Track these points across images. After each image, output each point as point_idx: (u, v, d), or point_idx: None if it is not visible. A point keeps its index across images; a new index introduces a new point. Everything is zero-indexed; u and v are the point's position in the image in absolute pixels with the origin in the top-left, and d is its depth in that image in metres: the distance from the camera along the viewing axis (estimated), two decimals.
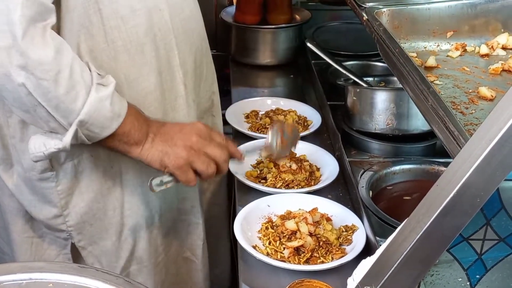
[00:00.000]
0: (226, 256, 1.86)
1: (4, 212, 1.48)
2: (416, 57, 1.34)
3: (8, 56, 1.10)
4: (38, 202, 1.39)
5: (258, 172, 1.59)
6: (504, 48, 1.34)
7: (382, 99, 1.67)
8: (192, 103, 1.52)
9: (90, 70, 1.21)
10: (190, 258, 1.65)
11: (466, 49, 1.35)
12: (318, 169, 1.62)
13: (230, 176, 1.63)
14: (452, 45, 1.36)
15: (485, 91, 1.11)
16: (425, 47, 1.38)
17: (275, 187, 1.53)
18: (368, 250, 1.30)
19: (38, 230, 1.47)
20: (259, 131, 1.80)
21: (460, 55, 1.33)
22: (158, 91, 1.40)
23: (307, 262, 1.29)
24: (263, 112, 1.91)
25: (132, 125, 1.26)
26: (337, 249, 1.32)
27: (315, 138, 1.79)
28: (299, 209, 1.41)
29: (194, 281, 1.68)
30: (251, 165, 1.64)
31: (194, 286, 1.69)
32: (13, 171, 1.39)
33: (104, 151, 1.36)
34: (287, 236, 1.32)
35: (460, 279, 0.93)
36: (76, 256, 1.47)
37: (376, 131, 1.70)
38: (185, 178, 1.32)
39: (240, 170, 1.59)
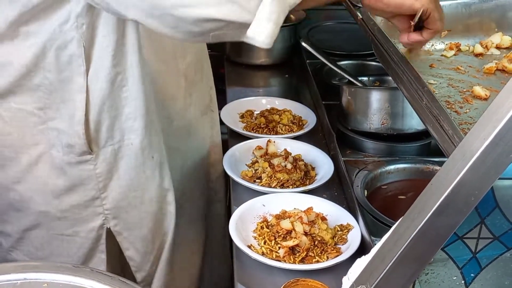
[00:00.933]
0: (227, 254, 1.87)
1: (31, 211, 1.44)
2: None
3: None
4: (75, 186, 1.37)
5: (253, 171, 1.59)
6: (498, 47, 1.34)
7: (377, 98, 1.67)
8: (189, 96, 1.53)
9: None
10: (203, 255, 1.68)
11: (460, 49, 1.35)
12: (313, 169, 1.62)
13: (225, 176, 1.63)
14: (446, 44, 1.36)
15: (479, 90, 1.11)
16: None
17: (270, 187, 1.53)
18: (363, 249, 1.30)
19: (69, 228, 1.44)
20: (254, 130, 1.81)
21: (455, 55, 1.33)
22: (161, 79, 1.41)
23: (302, 261, 1.29)
24: (258, 112, 1.91)
25: None
26: (332, 249, 1.32)
27: (310, 137, 1.79)
28: (294, 208, 1.41)
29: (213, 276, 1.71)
30: (246, 164, 1.65)
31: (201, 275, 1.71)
32: (48, 156, 1.35)
33: (146, 140, 1.37)
34: (282, 235, 1.32)
35: (455, 278, 0.93)
36: (109, 246, 1.46)
37: (371, 131, 1.70)
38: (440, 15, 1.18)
39: (235, 170, 1.60)
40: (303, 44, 1.98)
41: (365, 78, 1.92)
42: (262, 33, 1.07)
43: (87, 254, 1.44)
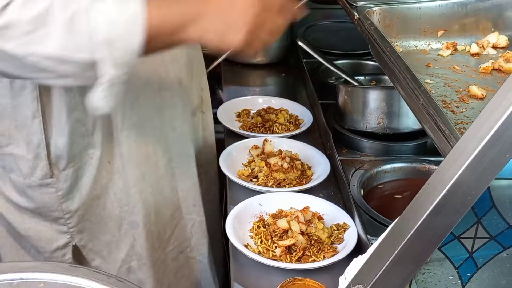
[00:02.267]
0: (220, 254, 1.86)
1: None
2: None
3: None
4: (38, 208, 1.38)
5: (250, 171, 1.59)
6: (494, 47, 1.35)
7: (373, 98, 1.67)
8: (187, 100, 1.52)
9: None
10: (197, 258, 1.65)
11: (456, 48, 1.35)
12: (309, 168, 1.62)
13: (221, 175, 1.63)
14: (443, 44, 1.36)
15: (475, 90, 1.11)
16: (416, 46, 1.39)
17: (267, 186, 1.53)
18: (359, 248, 1.30)
19: (36, 245, 1.44)
20: (251, 130, 1.80)
21: (451, 54, 1.33)
22: (156, 86, 1.40)
23: (298, 260, 1.29)
24: (255, 111, 1.91)
25: (159, 13, 1.07)
26: (328, 248, 1.32)
27: (306, 137, 1.79)
28: (291, 207, 1.41)
29: (194, 277, 1.69)
30: (242, 164, 1.64)
31: (195, 282, 1.69)
32: (8, 179, 1.37)
33: (104, 150, 1.36)
34: (278, 234, 1.32)
35: (451, 277, 0.94)
36: (76, 260, 1.46)
37: (368, 130, 1.70)
38: (252, 52, 1.16)
39: (232, 169, 1.60)
40: (300, 43, 1.98)
41: (361, 78, 1.92)
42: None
43: None
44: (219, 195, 1.83)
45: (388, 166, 1.58)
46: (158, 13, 1.07)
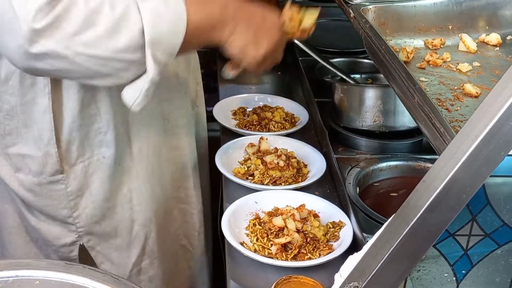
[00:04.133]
0: (212, 249, 1.87)
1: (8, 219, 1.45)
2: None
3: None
4: (47, 206, 1.37)
5: (246, 169, 1.59)
6: (488, 44, 1.35)
7: (369, 96, 1.68)
8: (184, 94, 1.53)
9: None
10: (186, 246, 1.66)
11: (450, 46, 1.36)
12: (305, 166, 1.62)
13: (217, 173, 1.63)
14: (436, 41, 1.37)
15: (470, 88, 1.11)
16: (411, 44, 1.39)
17: (263, 184, 1.54)
18: (355, 246, 1.31)
19: (40, 244, 1.44)
20: (247, 127, 1.81)
21: (446, 52, 1.34)
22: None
23: (294, 258, 1.29)
24: (251, 109, 1.91)
25: (197, 13, 1.13)
26: (324, 246, 1.32)
27: (302, 135, 1.80)
28: (287, 205, 1.41)
29: (192, 270, 1.69)
30: (238, 162, 1.65)
31: (192, 275, 1.70)
32: (17, 179, 1.36)
33: (117, 150, 1.36)
34: (274, 232, 1.33)
35: (446, 275, 0.94)
36: (83, 257, 1.46)
37: (363, 128, 1.70)
38: (259, 70, 1.29)
39: (228, 167, 1.60)
40: (296, 41, 1.98)
41: (357, 76, 1.93)
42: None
43: None
44: (210, 191, 1.83)
45: (383, 164, 1.59)
46: (198, 9, 1.12)
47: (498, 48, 1.34)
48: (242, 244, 1.32)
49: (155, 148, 1.47)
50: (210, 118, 1.80)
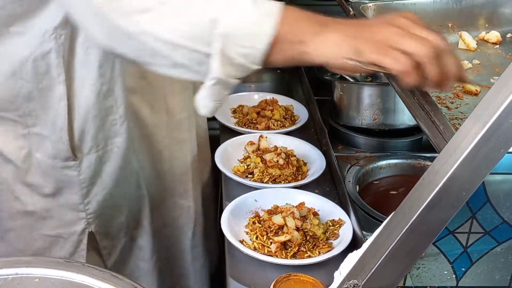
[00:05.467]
0: (213, 245, 1.87)
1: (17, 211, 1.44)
2: None
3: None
4: (60, 189, 1.38)
5: (245, 167, 1.59)
6: (487, 42, 1.35)
7: (368, 94, 1.68)
8: (184, 88, 1.54)
9: None
10: (182, 241, 1.68)
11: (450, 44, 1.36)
12: (305, 164, 1.62)
13: (217, 171, 1.63)
14: None
15: (470, 85, 1.12)
16: None
17: (262, 182, 1.53)
18: (354, 244, 1.31)
19: (54, 229, 1.45)
20: (246, 126, 1.81)
21: None
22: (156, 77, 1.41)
23: (294, 256, 1.29)
24: (250, 107, 1.91)
25: (296, 17, 0.98)
26: (324, 244, 1.32)
27: (302, 133, 1.80)
28: (286, 203, 1.41)
29: (191, 268, 1.71)
30: (238, 160, 1.65)
31: (191, 273, 1.71)
32: (34, 159, 1.36)
33: (126, 138, 1.38)
34: (274, 230, 1.33)
35: (446, 272, 0.94)
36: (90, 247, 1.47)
37: (363, 126, 1.70)
38: (395, 62, 0.93)
39: (227, 165, 1.60)
40: None
41: (357, 74, 1.93)
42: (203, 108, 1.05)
43: (69, 255, 1.45)
44: (213, 181, 1.83)
45: (383, 162, 1.58)
46: (292, 15, 0.98)
47: (497, 46, 1.34)
48: (241, 242, 1.32)
49: (159, 140, 1.50)
50: (210, 116, 1.80)
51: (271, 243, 1.31)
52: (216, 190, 1.84)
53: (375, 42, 0.94)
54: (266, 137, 1.69)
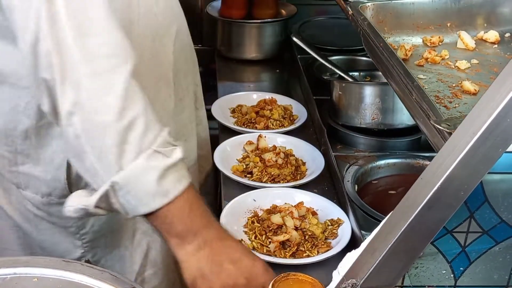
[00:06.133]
0: None
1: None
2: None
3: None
4: (55, 223, 1.37)
5: (244, 166, 1.59)
6: (486, 41, 1.36)
7: (367, 93, 1.68)
8: (176, 97, 1.52)
9: (159, 134, 1.06)
10: None
11: (449, 43, 1.36)
12: (304, 164, 1.62)
13: (216, 170, 1.63)
14: (435, 38, 1.37)
15: (468, 85, 1.12)
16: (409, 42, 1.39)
17: (261, 182, 1.54)
18: (353, 243, 1.31)
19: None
20: (245, 125, 1.81)
21: (444, 49, 1.34)
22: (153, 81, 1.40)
23: (293, 256, 1.29)
24: (249, 107, 1.91)
25: (180, 214, 1.06)
26: (322, 243, 1.32)
27: (301, 132, 1.80)
28: (285, 203, 1.41)
29: None
30: (237, 159, 1.65)
31: None
32: (23, 196, 1.35)
33: None
34: (273, 230, 1.33)
35: (444, 271, 0.94)
36: None
37: (362, 126, 1.70)
38: None
39: (226, 164, 1.60)
40: (294, 39, 1.98)
41: (356, 73, 1.93)
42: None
43: None
44: (215, 189, 1.83)
45: (382, 162, 1.59)
46: (185, 207, 1.06)
47: (496, 46, 1.34)
48: (240, 241, 1.32)
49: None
50: (209, 116, 1.80)
51: (270, 242, 1.31)
52: (215, 190, 1.84)
53: None
54: (265, 137, 1.69)
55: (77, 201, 1.09)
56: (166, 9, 1.42)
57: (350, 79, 1.85)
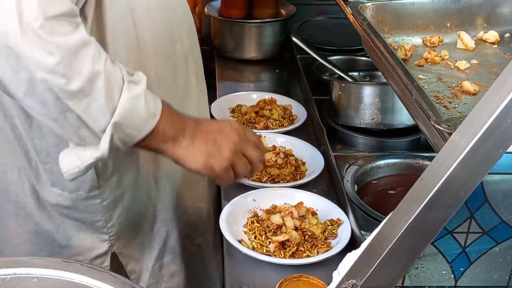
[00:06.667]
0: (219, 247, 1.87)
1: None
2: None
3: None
4: (82, 218, 1.38)
5: None
6: (486, 41, 1.35)
7: (367, 93, 1.68)
8: (202, 93, 1.53)
9: (120, 67, 1.10)
10: (201, 245, 1.67)
11: (448, 43, 1.36)
12: (303, 164, 1.62)
13: None
14: (434, 38, 1.37)
15: (468, 85, 1.11)
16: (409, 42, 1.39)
17: (261, 182, 1.54)
18: (353, 244, 1.31)
19: (73, 255, 1.44)
20: (245, 125, 1.80)
21: (444, 50, 1.34)
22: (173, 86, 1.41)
23: (292, 256, 1.29)
24: (249, 107, 1.91)
25: (166, 121, 1.15)
26: (322, 243, 1.32)
27: (300, 132, 1.80)
28: (285, 203, 1.41)
29: (207, 270, 1.70)
30: None
31: (206, 274, 1.71)
32: (50, 196, 1.36)
33: (143, 157, 1.38)
34: (272, 230, 1.33)
35: (444, 272, 0.94)
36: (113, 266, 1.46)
37: (361, 126, 1.70)
38: (227, 180, 1.24)
39: None
40: (294, 39, 1.98)
41: (355, 73, 1.93)
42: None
43: None
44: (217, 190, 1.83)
45: (381, 162, 1.59)
46: (168, 118, 1.14)
47: (496, 46, 1.34)
48: (240, 242, 1.32)
49: None
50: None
51: (269, 242, 1.31)
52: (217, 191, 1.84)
53: (221, 161, 1.20)
54: (265, 137, 1.69)
55: (84, 156, 1.11)
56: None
57: (349, 79, 1.85)
